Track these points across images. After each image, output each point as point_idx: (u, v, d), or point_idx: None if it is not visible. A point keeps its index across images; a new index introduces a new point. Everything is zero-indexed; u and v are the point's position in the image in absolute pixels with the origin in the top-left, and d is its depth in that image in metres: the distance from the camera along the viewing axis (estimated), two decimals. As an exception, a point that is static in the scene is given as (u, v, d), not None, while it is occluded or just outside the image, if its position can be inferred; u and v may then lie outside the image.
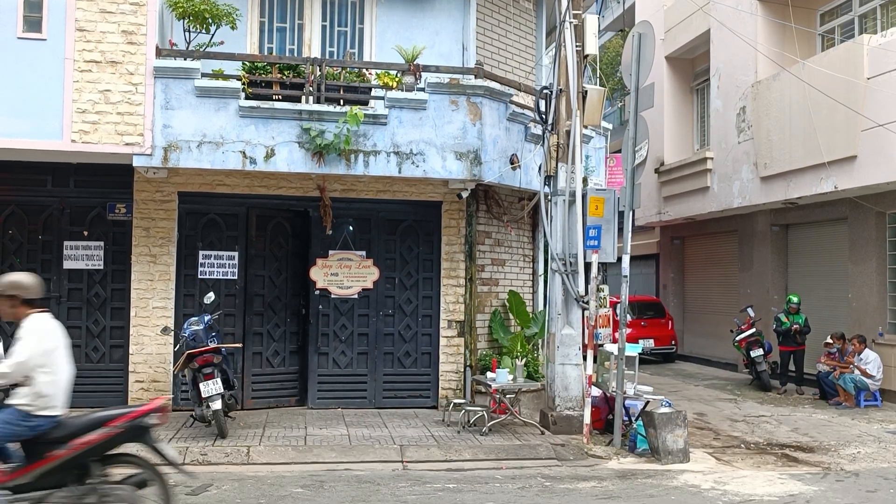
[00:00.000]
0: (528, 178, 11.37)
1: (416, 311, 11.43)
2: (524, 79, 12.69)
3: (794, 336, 14.54)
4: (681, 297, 21.72)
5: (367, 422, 10.27)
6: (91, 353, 10.74)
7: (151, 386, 10.58)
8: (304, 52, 11.29)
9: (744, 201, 16.70)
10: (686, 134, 20.60)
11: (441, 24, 11.60)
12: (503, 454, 8.91)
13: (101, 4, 9.50)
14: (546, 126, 10.51)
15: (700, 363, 19.73)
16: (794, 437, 10.62)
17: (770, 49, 15.63)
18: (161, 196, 10.72)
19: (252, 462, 8.40)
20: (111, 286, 10.81)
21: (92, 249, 10.80)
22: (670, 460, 8.86)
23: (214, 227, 10.98)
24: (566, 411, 10.10)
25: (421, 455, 8.75)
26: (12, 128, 9.30)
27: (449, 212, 11.45)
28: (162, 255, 10.68)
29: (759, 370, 15.15)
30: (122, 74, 9.54)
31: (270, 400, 11.10)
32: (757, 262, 17.63)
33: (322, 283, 11.20)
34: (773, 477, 8.41)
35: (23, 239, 10.71)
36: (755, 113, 16.08)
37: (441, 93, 10.19)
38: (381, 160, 10.06)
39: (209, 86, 9.68)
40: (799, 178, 14.72)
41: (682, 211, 19.57)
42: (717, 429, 11.18)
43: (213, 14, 9.90)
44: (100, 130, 9.49)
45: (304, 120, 9.83)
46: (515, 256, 12.61)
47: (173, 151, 9.62)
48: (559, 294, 10.22)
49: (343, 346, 11.25)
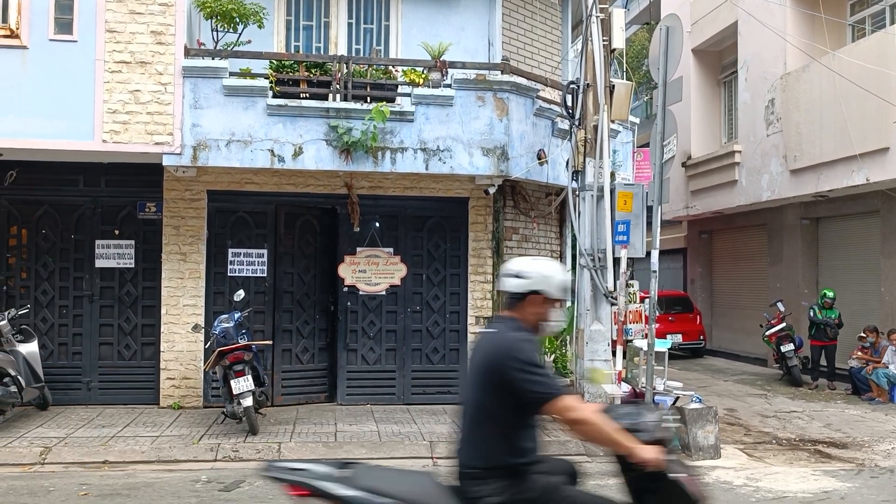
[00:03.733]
0: (555, 174, 11.33)
1: (444, 307, 11.44)
2: (551, 74, 12.65)
3: (826, 330, 14.38)
4: (709, 291, 21.55)
5: (396, 418, 10.31)
6: (123, 350, 10.87)
7: (183, 383, 10.69)
8: (330, 50, 11.33)
9: (773, 195, 16.52)
10: (713, 127, 20.41)
11: (467, 19, 11.59)
12: (533, 450, 8.88)
13: (130, 5, 9.59)
14: (573, 121, 10.46)
15: (729, 358, 19.57)
16: (827, 433, 10.51)
17: (799, 40, 15.44)
18: (190, 194, 10.81)
19: (283, 458, 8.44)
20: (142, 284, 10.93)
21: (123, 248, 10.92)
22: (701, 456, 8.80)
23: (243, 224, 11.05)
24: (595, 407, 10.04)
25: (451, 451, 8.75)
26: (45, 129, 9.42)
27: (476, 208, 11.44)
28: (192, 253, 10.78)
29: (789, 365, 15.00)
30: (152, 74, 9.62)
31: (300, 396, 11.17)
32: (787, 256, 17.45)
33: (350, 279, 11.25)
34: (806, 473, 8.33)
35: (56, 238, 10.85)
36: (784, 105, 15.90)
37: (467, 89, 10.17)
38: (407, 157, 10.06)
39: (237, 85, 9.74)
40: (829, 171, 14.54)
41: (710, 205, 19.41)
42: (747, 424, 11.09)
43: (240, 13, 9.95)
44: (130, 130, 9.58)
45: (332, 117, 9.86)
46: (543, 252, 12.57)
47: (202, 150, 9.69)
48: (588, 290, 10.18)
49: (371, 342, 11.29)
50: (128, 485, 7.41)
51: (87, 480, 7.55)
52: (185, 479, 7.63)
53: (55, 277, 10.83)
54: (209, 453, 8.46)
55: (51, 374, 10.32)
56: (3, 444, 8.44)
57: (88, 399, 10.71)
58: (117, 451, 8.38)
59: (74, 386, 10.74)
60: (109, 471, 7.97)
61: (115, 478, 7.69)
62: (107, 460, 8.22)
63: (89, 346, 10.81)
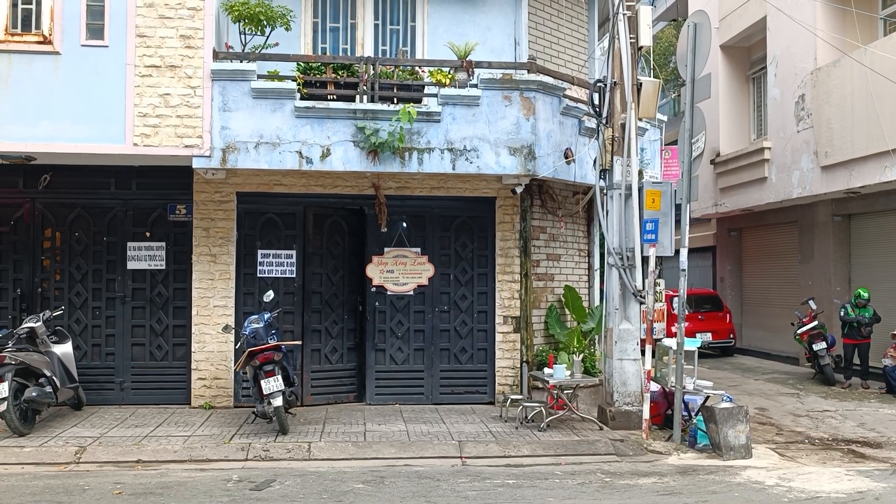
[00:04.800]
0: (582, 172, 11.30)
1: (472, 307, 11.45)
2: (577, 72, 12.61)
3: (860, 329, 14.20)
4: (738, 289, 21.36)
5: (425, 417, 10.33)
6: (155, 351, 11.00)
7: (213, 383, 10.80)
8: (357, 52, 11.39)
9: (804, 191, 16.34)
10: (742, 124, 20.23)
11: (493, 19, 11.59)
12: (562, 450, 8.88)
13: (160, 10, 9.71)
14: (600, 119, 10.43)
15: (759, 357, 19.38)
16: (861, 433, 10.37)
17: (830, 35, 15.25)
18: (220, 196, 10.92)
19: (313, 458, 8.51)
20: (173, 286, 11.06)
21: (154, 250, 11.06)
22: (732, 456, 8.73)
23: (272, 226, 11.14)
24: (624, 406, 10.02)
25: (479, 451, 8.77)
26: (78, 133, 9.57)
27: (503, 207, 11.43)
28: (222, 255, 10.89)
29: (822, 364, 14.81)
30: (181, 78, 9.73)
31: (329, 396, 11.24)
32: (818, 254, 17.24)
33: (378, 280, 11.29)
34: (839, 473, 8.23)
35: (88, 240, 11.01)
36: (815, 101, 15.71)
37: (494, 88, 10.17)
38: (434, 157, 10.09)
39: (265, 87, 9.82)
40: (862, 167, 14.35)
41: (739, 202, 19.24)
42: (779, 424, 10.98)
43: (267, 16, 10.04)
44: (160, 133, 9.70)
45: (359, 119, 9.90)
46: (571, 251, 12.54)
47: (231, 152, 9.78)
48: (616, 289, 10.15)
49: (399, 342, 11.33)
50: (161, 484, 7.50)
51: (121, 479, 7.65)
52: (217, 479, 7.71)
53: (88, 279, 10.99)
54: (240, 453, 8.53)
55: (84, 375, 10.49)
56: (39, 444, 8.59)
57: (121, 399, 10.86)
58: (150, 451, 8.48)
59: (108, 386, 10.89)
60: (143, 470, 8.07)
61: (149, 477, 7.78)
62: (140, 459, 8.33)
63: (122, 347, 10.96)
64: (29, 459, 8.24)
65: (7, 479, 7.61)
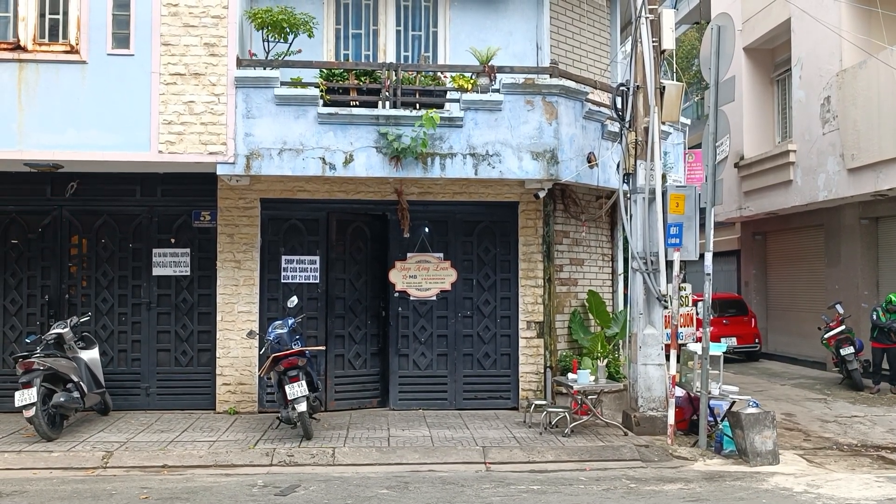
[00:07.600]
0: (605, 177, 11.25)
1: (495, 312, 11.43)
2: (600, 76, 12.57)
3: (890, 334, 14.01)
4: (764, 293, 21.16)
5: (449, 423, 10.32)
6: (180, 356, 11.08)
7: (238, 389, 10.87)
8: (379, 58, 11.43)
9: (830, 194, 16.16)
10: (766, 127, 20.05)
11: (514, 24, 11.59)
12: (586, 455, 8.83)
13: (184, 19, 9.80)
14: (623, 123, 10.39)
15: (785, 361, 19.17)
16: (891, 439, 10.23)
17: (855, 36, 15.09)
18: (244, 203, 10.99)
19: (337, 463, 8.53)
20: (198, 291, 11.14)
21: (179, 256, 11.15)
22: (759, 462, 8.64)
23: (296, 232, 11.20)
24: (649, 412, 9.96)
25: (503, 456, 8.75)
26: (104, 141, 9.67)
27: (526, 212, 11.41)
28: (246, 261, 10.95)
29: (849, 369, 14.63)
30: (205, 85, 9.82)
31: (353, 401, 11.26)
32: (845, 257, 17.04)
33: (401, 285, 11.31)
34: (869, 480, 8.12)
35: (114, 247, 11.12)
36: (841, 103, 15.55)
37: (516, 93, 10.16)
38: (457, 162, 10.09)
39: (288, 94, 9.87)
40: (889, 169, 14.17)
41: (764, 206, 19.06)
42: (807, 430, 10.86)
43: (290, 23, 10.10)
44: (185, 140, 9.78)
45: (381, 125, 9.93)
46: (594, 256, 12.49)
47: (255, 159, 9.84)
48: (640, 293, 10.09)
49: (423, 347, 11.34)
50: (187, 489, 7.55)
51: (148, 484, 7.71)
52: (242, 484, 7.74)
53: (114, 285, 11.10)
54: (265, 458, 8.57)
55: (111, 380, 10.60)
56: (67, 448, 8.68)
57: (147, 404, 10.95)
58: (176, 456, 8.54)
59: (134, 391, 10.99)
60: (169, 475, 8.13)
61: (175, 482, 7.83)
62: (166, 464, 8.39)
63: (147, 353, 11.05)
64: (57, 464, 8.33)
65: (36, 484, 7.70)
